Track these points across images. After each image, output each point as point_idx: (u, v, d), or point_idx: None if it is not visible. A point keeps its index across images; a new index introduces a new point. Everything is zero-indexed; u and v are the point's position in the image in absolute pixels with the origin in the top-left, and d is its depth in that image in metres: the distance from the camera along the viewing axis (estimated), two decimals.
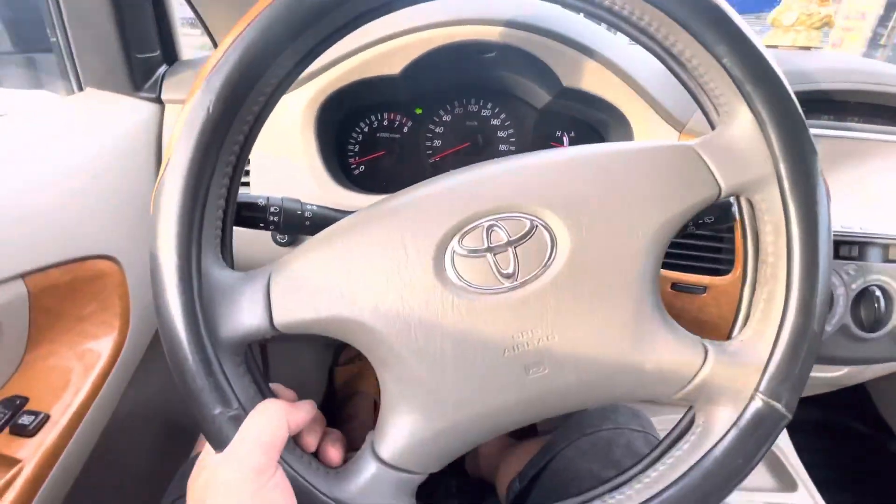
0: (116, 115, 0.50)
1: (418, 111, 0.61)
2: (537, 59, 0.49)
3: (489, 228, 0.28)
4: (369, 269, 0.27)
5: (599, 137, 0.60)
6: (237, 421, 0.26)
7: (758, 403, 0.28)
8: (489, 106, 0.61)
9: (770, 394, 0.28)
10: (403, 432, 0.28)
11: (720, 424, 0.29)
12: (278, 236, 0.50)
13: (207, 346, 0.25)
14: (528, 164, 0.30)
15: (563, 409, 0.29)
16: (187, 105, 0.26)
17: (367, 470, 0.28)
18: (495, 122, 0.62)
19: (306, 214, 0.39)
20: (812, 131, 0.51)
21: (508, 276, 0.28)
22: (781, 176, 0.28)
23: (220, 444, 0.26)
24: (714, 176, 0.28)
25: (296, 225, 0.38)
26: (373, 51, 0.48)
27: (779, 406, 0.28)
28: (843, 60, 0.59)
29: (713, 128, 0.31)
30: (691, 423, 0.31)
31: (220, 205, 0.27)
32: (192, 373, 0.25)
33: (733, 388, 0.29)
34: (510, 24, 0.48)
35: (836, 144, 0.52)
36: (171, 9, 0.55)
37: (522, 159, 0.30)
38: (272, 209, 0.38)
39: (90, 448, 0.45)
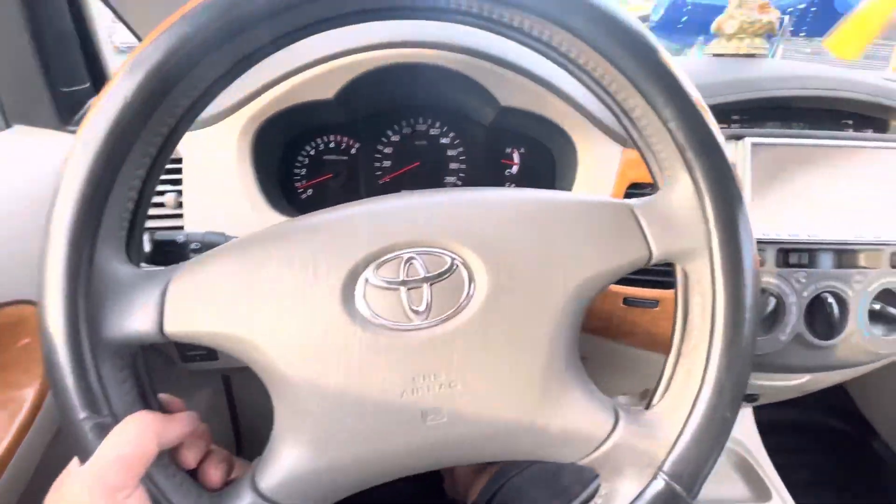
0: (45, 151, 0.49)
1: (364, 133, 0.60)
2: (471, 80, 0.49)
3: (407, 261, 0.27)
4: (273, 288, 0.26)
5: (548, 152, 0.60)
6: (104, 430, 0.24)
7: (659, 484, 0.27)
8: (437, 125, 0.61)
9: (673, 475, 0.27)
10: (286, 464, 0.26)
11: (620, 500, 0.28)
12: None
13: (84, 343, 0.23)
14: (459, 200, 0.29)
15: (460, 460, 0.28)
16: (105, 88, 0.24)
17: (242, 499, 0.26)
18: (444, 140, 0.61)
19: None
20: (757, 140, 0.51)
21: (419, 314, 0.26)
22: (713, 251, 0.27)
23: (83, 454, 0.24)
24: (647, 241, 0.28)
25: None
26: (301, 76, 0.47)
27: (679, 489, 0.27)
28: (787, 67, 0.59)
29: (657, 189, 0.30)
30: (594, 492, 0.30)
31: (132, 197, 0.26)
32: (61, 370, 0.23)
33: (640, 462, 0.28)
34: (442, 46, 0.47)
35: (781, 151, 0.52)
36: (99, 37, 0.53)
37: (455, 194, 0.29)
38: (192, 245, 0.37)
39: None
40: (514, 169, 0.63)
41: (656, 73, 0.26)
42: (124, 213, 0.26)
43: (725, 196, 0.27)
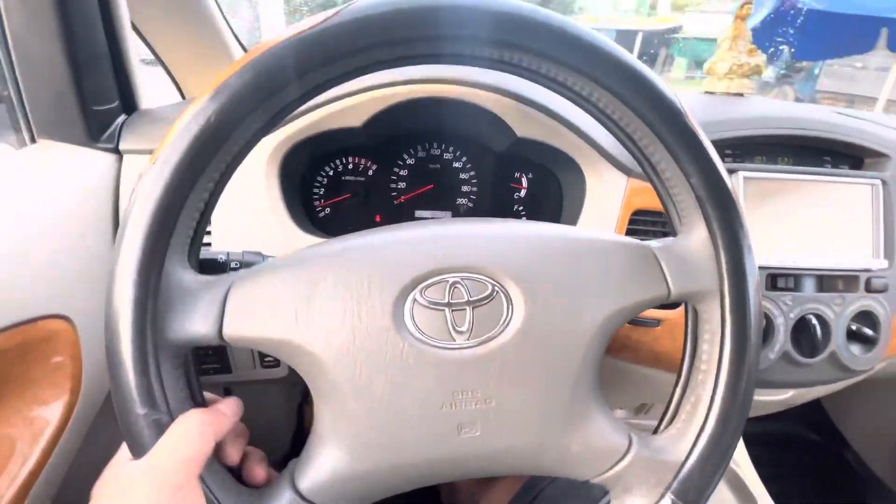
0: (71, 167, 0.49)
1: (382, 156, 0.63)
2: (491, 113, 0.52)
3: (453, 285, 0.29)
4: (330, 301, 0.28)
5: (555, 179, 0.63)
6: (160, 427, 0.25)
7: (667, 502, 0.30)
8: (451, 150, 0.64)
9: (679, 494, 0.30)
10: (326, 467, 0.28)
11: None
12: None
13: (149, 344, 0.25)
14: (501, 232, 0.31)
15: (487, 472, 0.30)
16: (184, 114, 0.26)
17: (282, 499, 0.28)
18: (457, 164, 0.64)
19: None
20: (749, 174, 0.56)
21: (462, 334, 0.29)
22: (724, 295, 0.31)
23: (139, 449, 0.25)
24: (667, 280, 0.31)
25: None
26: (335, 105, 0.49)
27: None
28: (772, 108, 0.64)
29: (675, 234, 0.33)
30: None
31: (196, 216, 0.27)
32: (125, 367, 0.24)
33: (648, 482, 0.31)
34: (468, 83, 0.51)
35: (769, 184, 0.57)
36: (130, 58, 0.55)
37: (498, 225, 0.32)
38: (232, 265, 0.39)
39: None
40: (523, 192, 0.66)
41: (684, 136, 0.29)
42: (190, 229, 0.28)
43: (738, 248, 0.30)
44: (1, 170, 0.47)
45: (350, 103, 0.50)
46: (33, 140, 0.51)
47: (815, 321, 0.55)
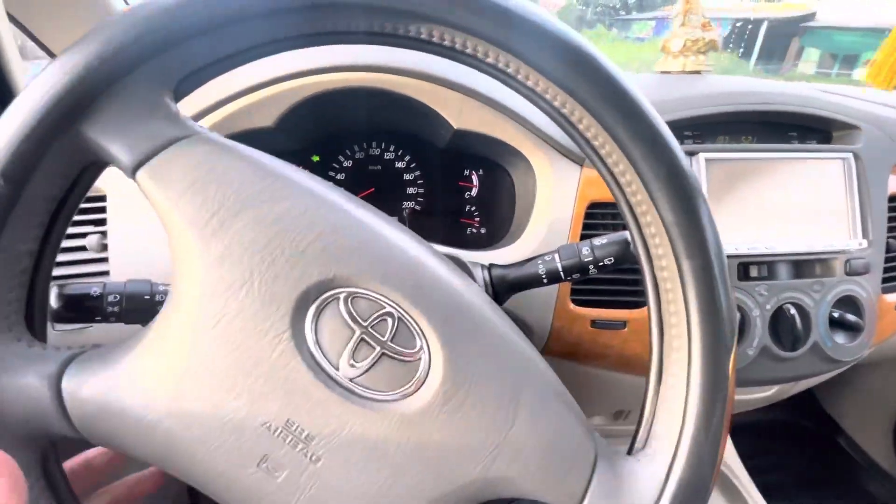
0: None
1: (315, 159, 0.57)
2: (422, 104, 0.47)
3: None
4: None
5: (507, 174, 0.58)
6: None
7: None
8: (392, 148, 0.58)
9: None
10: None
11: None
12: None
13: None
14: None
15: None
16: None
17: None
18: (400, 164, 0.59)
19: (158, 299, 0.33)
20: (710, 155, 0.51)
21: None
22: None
23: None
24: None
25: (143, 312, 0.33)
26: (236, 104, 0.43)
27: None
28: (732, 83, 0.60)
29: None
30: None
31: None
32: None
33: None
34: (385, 69, 0.45)
35: (734, 166, 0.52)
36: (5, 44, 0.48)
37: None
38: (110, 298, 0.32)
39: None
40: (474, 191, 0.61)
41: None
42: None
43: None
44: None
45: (254, 99, 0.44)
46: None
47: (793, 311, 0.51)
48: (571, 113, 0.25)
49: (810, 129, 0.58)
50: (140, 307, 0.33)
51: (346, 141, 0.57)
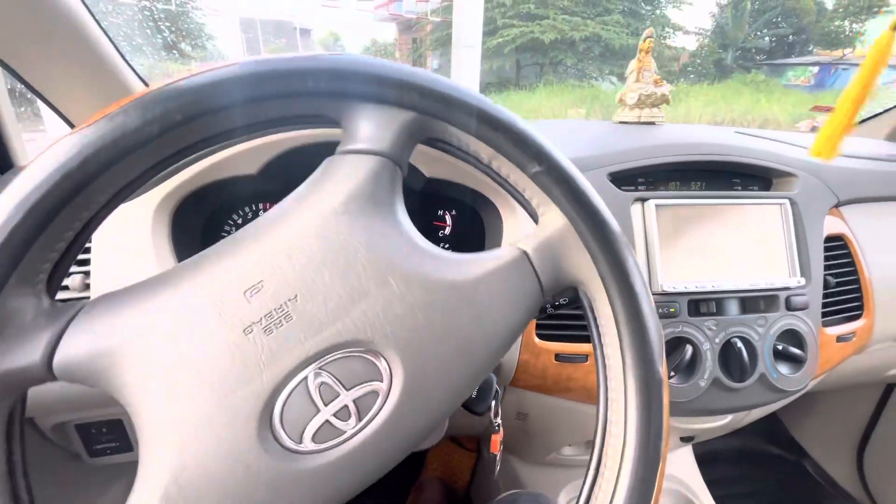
0: None
1: None
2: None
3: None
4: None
5: (477, 214, 0.62)
6: None
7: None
8: None
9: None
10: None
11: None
12: None
13: None
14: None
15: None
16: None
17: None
18: None
19: None
20: (660, 201, 0.56)
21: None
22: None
23: None
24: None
25: None
26: (222, 154, 0.47)
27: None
28: (681, 135, 0.66)
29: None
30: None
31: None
32: None
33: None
34: None
35: (682, 210, 0.57)
36: (4, 114, 0.50)
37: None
38: None
39: None
40: (448, 230, 0.64)
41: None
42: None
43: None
44: None
45: (240, 149, 0.47)
46: None
47: (740, 344, 0.55)
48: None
49: (752, 177, 0.64)
50: None
51: None
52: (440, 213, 0.64)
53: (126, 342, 0.23)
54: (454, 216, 0.64)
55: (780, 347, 0.57)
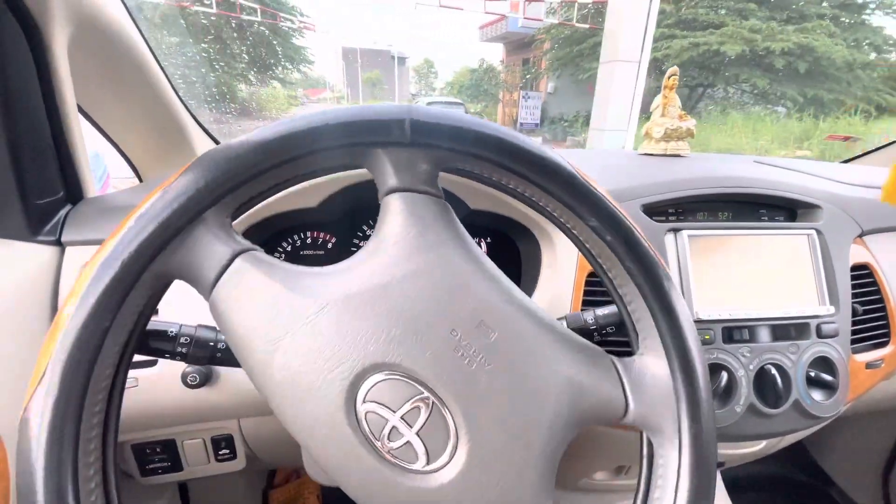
0: (8, 263, 0.47)
1: (340, 229, 0.63)
2: (445, 190, 0.53)
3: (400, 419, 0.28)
4: None
5: (513, 243, 0.65)
6: None
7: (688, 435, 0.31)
8: None
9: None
10: None
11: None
12: (189, 378, 0.48)
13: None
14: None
15: None
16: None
17: None
18: None
19: (219, 346, 0.37)
20: (693, 232, 0.58)
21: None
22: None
23: None
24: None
25: (205, 357, 0.37)
26: (288, 190, 0.50)
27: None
28: (709, 167, 0.69)
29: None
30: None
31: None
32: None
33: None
34: None
35: (713, 240, 0.59)
36: (77, 146, 0.54)
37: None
38: (182, 340, 0.36)
39: None
40: None
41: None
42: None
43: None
44: None
45: (304, 186, 0.50)
46: None
47: (774, 371, 0.56)
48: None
49: (778, 207, 0.66)
50: (202, 353, 0.37)
51: (370, 212, 0.63)
52: (476, 240, 0.67)
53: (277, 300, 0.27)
54: (489, 244, 0.67)
55: (812, 374, 0.58)
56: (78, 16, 0.50)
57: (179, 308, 0.46)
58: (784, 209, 0.67)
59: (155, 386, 0.48)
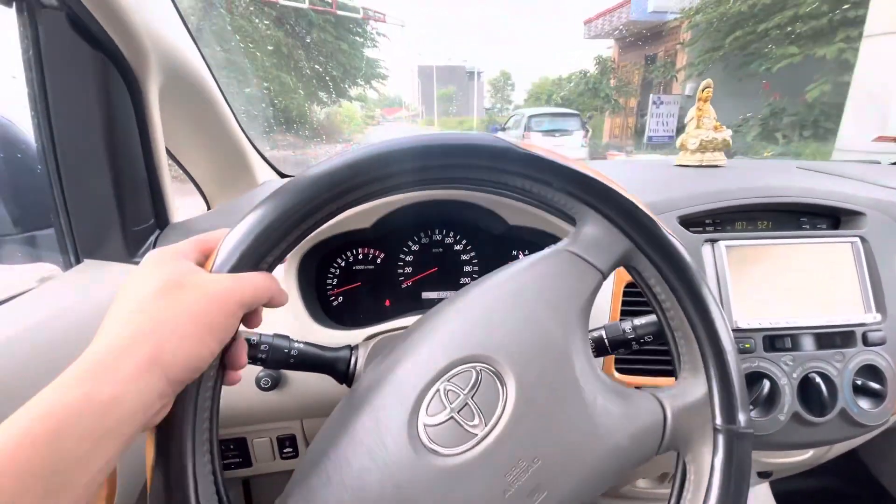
0: (112, 283, 0.55)
1: (388, 245, 0.68)
2: (484, 208, 0.58)
3: (445, 390, 0.31)
4: (361, 476, 0.29)
5: None
6: None
7: (722, 434, 0.33)
8: (452, 234, 0.69)
9: (727, 420, 0.33)
10: None
11: (703, 460, 0.33)
12: (262, 381, 0.53)
13: None
14: (448, 318, 0.34)
15: None
16: None
17: None
18: (458, 247, 0.69)
19: (292, 353, 0.42)
20: (730, 242, 0.60)
21: (477, 426, 0.30)
22: (640, 245, 0.35)
23: None
24: (591, 263, 0.34)
25: (281, 362, 0.41)
26: (345, 214, 0.55)
27: (737, 428, 0.33)
28: (746, 177, 0.69)
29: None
30: (685, 467, 0.35)
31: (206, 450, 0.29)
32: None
33: (697, 425, 0.34)
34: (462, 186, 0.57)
35: (752, 250, 0.60)
36: (164, 179, 0.62)
37: (443, 313, 0.35)
38: (262, 347, 0.41)
39: None
40: None
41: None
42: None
43: (623, 209, 0.34)
44: (49, 291, 0.52)
45: (359, 210, 0.55)
46: (78, 260, 0.57)
47: (818, 379, 0.56)
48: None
49: (820, 215, 0.66)
50: (278, 357, 0.41)
51: (416, 230, 0.68)
52: (514, 252, 0.70)
53: None
54: (528, 255, 0.70)
55: (859, 382, 0.58)
56: (167, 67, 0.58)
57: None
58: (826, 217, 0.66)
59: (233, 389, 0.54)
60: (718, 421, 0.33)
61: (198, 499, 0.27)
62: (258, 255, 0.29)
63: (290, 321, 0.56)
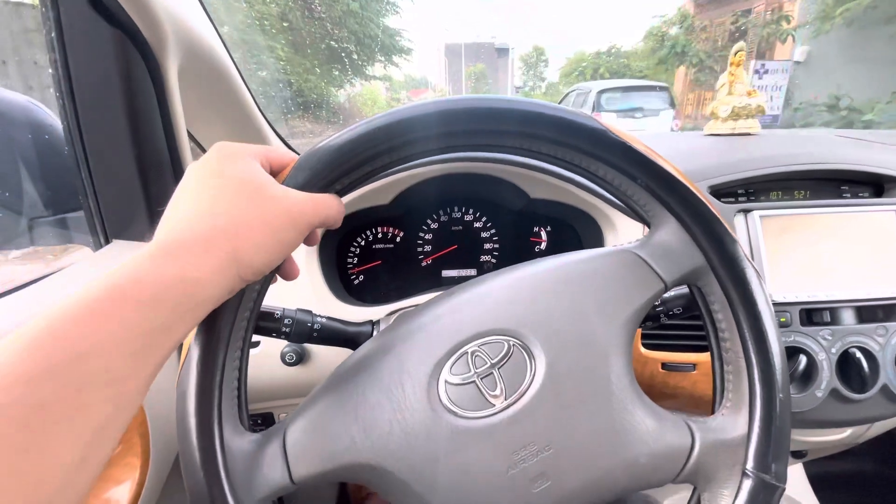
0: None
1: (408, 223, 0.68)
2: (505, 180, 0.56)
3: (473, 355, 0.31)
4: (373, 410, 0.29)
5: (573, 230, 0.66)
6: None
7: (750, 480, 0.30)
8: (471, 211, 0.68)
9: (759, 468, 0.30)
10: None
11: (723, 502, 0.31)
12: (287, 356, 0.54)
13: None
14: (494, 288, 0.33)
15: None
16: None
17: None
18: (478, 224, 0.68)
19: (315, 326, 0.42)
20: (765, 212, 0.57)
21: (497, 397, 0.30)
22: (714, 265, 0.32)
23: None
24: (657, 273, 0.33)
25: (304, 335, 0.42)
26: (364, 188, 0.55)
27: (768, 478, 0.30)
28: (783, 144, 0.66)
29: (648, 228, 0.35)
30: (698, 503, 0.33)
31: (235, 375, 0.30)
32: None
33: (725, 464, 0.31)
34: (478, 158, 0.55)
35: (788, 220, 0.57)
36: (186, 160, 0.62)
37: (490, 282, 0.34)
38: (286, 321, 0.41)
39: None
40: (543, 245, 0.69)
41: (621, 150, 0.32)
42: (233, 392, 0.29)
43: (706, 221, 0.32)
44: (81, 270, 0.53)
45: (377, 185, 0.55)
46: (108, 241, 0.58)
47: (859, 354, 0.54)
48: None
49: (861, 183, 0.62)
50: (302, 331, 0.41)
51: (435, 207, 0.67)
52: (535, 229, 0.69)
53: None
54: (549, 232, 0.68)
55: None
56: (185, 46, 0.58)
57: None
58: (869, 185, 0.63)
59: (259, 364, 0.55)
60: (750, 465, 0.31)
61: (223, 373, 0.28)
62: (331, 178, 0.29)
63: (313, 299, 0.56)
